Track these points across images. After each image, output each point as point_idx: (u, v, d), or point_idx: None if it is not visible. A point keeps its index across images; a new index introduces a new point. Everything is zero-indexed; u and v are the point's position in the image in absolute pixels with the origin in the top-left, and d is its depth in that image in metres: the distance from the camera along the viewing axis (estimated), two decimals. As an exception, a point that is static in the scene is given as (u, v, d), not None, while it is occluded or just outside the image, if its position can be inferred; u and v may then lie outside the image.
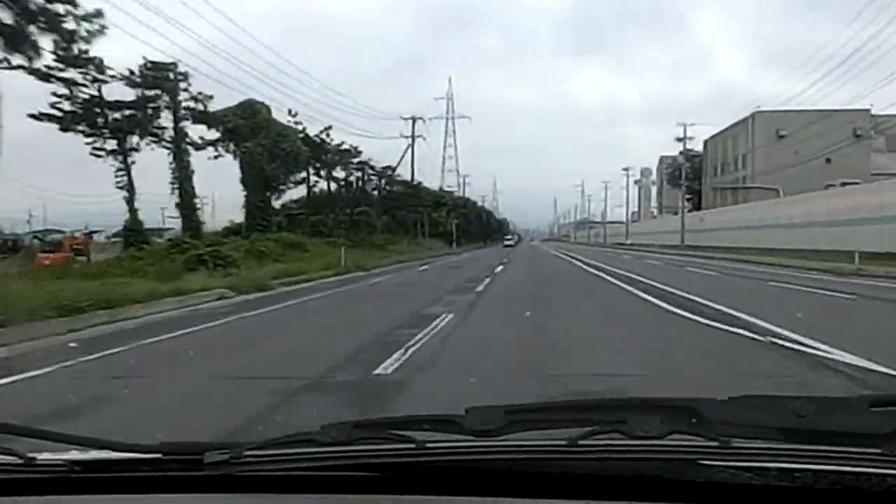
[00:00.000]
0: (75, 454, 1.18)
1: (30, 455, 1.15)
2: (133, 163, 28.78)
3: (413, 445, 1.09)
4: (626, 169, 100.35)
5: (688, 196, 72.24)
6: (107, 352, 7.85)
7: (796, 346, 7.44)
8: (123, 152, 28.50)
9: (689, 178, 71.50)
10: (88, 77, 25.57)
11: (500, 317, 11.56)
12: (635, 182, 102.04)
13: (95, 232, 39.06)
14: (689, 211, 68.40)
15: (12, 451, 1.15)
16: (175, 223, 35.62)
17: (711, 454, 1.02)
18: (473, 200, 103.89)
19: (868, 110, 51.57)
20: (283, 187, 39.59)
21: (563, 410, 1.20)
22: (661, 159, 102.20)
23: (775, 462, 1.01)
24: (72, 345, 8.36)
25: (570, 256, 42.29)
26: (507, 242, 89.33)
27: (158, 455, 1.16)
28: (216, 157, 34.24)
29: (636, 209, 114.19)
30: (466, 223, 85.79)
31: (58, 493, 1.13)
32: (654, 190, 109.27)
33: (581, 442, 1.05)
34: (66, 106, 26.55)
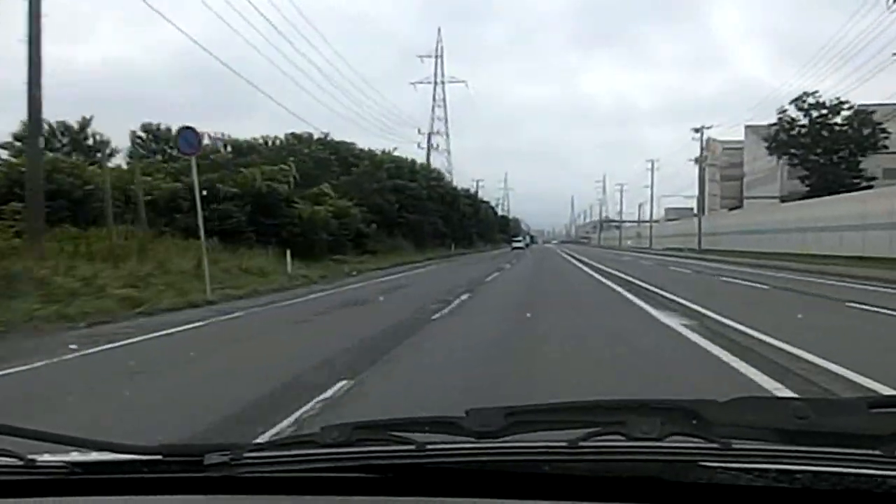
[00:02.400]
0: (75, 455, 1.18)
1: (30, 456, 1.15)
2: None
3: (413, 447, 1.09)
4: (698, 129, 60.43)
5: (802, 174, 46.78)
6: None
7: None
8: None
9: (800, 144, 46.15)
10: None
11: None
12: (695, 161, 64.39)
13: None
14: (803, 198, 43.25)
15: (12, 452, 1.15)
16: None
17: (711, 456, 1.02)
18: (438, 173, 60.37)
19: None
20: None
21: (564, 412, 1.20)
22: (709, 144, 76.28)
23: (775, 464, 1.01)
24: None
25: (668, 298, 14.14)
26: (515, 244, 78.44)
27: (159, 456, 1.16)
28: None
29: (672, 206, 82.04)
30: (415, 211, 45.86)
31: (58, 495, 1.13)
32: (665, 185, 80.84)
33: (581, 443, 1.05)
34: None
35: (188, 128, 16.61)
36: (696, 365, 7.18)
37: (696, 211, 66.47)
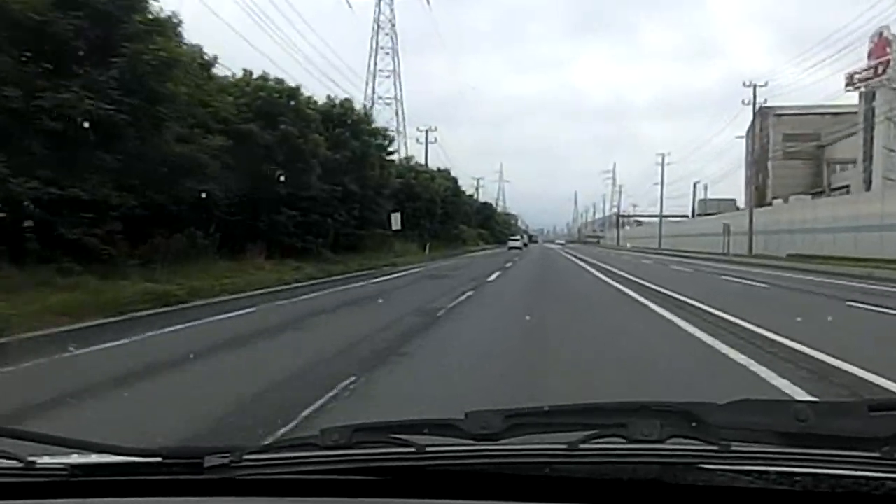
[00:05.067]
0: (75, 458, 1.18)
1: (30, 459, 1.15)
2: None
3: (413, 449, 1.09)
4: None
5: None
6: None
7: None
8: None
9: None
10: None
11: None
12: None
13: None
14: None
15: (12, 454, 1.15)
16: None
17: (711, 458, 1.02)
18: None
19: None
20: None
21: (563, 414, 1.20)
22: (761, 111, 49.71)
23: (775, 466, 1.01)
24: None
25: None
26: (512, 244, 73.57)
27: (159, 459, 1.16)
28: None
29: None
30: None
31: (58, 497, 1.13)
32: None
33: (581, 446, 1.05)
34: None
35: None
36: None
37: (747, 199, 40.70)
